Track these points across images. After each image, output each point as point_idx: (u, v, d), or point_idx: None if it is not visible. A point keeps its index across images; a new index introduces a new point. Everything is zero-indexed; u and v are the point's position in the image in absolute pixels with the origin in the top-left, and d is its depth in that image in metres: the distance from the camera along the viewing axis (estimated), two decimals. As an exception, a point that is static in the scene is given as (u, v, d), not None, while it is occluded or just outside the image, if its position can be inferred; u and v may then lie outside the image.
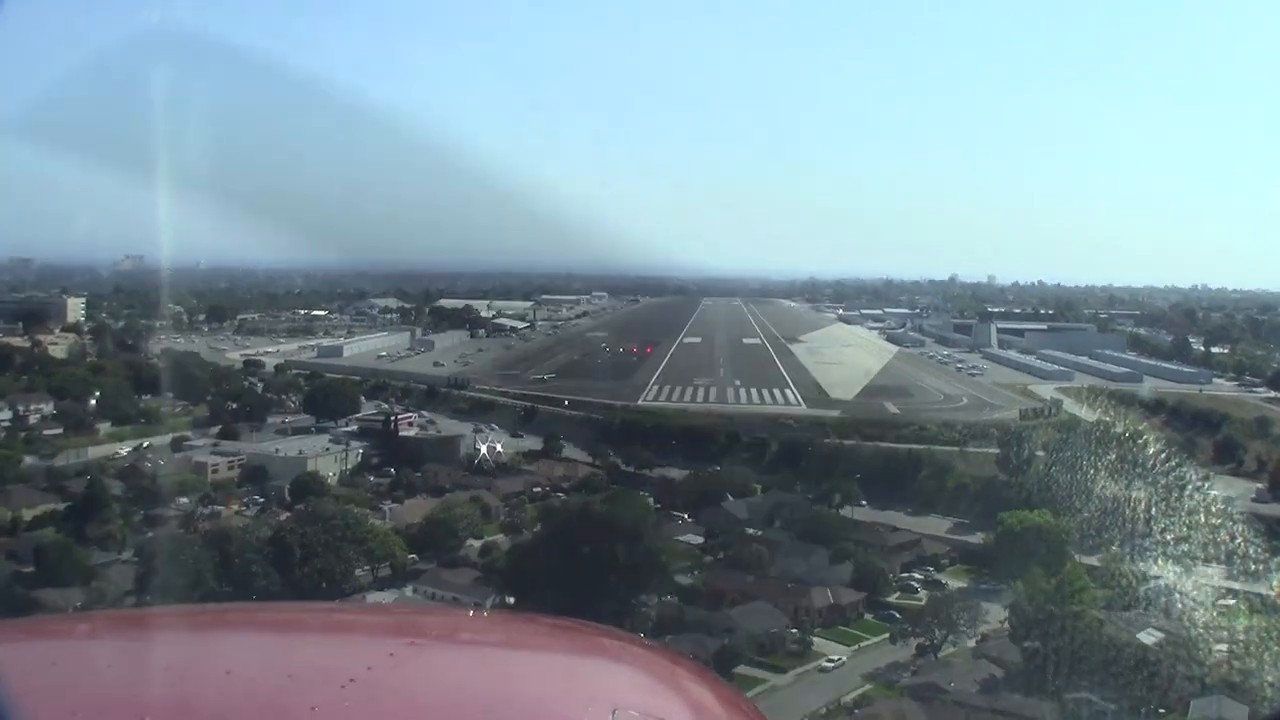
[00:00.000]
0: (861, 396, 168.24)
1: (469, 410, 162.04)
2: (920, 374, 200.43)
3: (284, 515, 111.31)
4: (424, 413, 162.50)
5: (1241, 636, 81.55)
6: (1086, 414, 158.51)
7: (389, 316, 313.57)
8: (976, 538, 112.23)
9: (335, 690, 4.12)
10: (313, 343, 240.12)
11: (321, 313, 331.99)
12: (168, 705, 3.99)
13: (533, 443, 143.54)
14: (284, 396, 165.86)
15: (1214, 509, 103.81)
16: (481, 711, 4.18)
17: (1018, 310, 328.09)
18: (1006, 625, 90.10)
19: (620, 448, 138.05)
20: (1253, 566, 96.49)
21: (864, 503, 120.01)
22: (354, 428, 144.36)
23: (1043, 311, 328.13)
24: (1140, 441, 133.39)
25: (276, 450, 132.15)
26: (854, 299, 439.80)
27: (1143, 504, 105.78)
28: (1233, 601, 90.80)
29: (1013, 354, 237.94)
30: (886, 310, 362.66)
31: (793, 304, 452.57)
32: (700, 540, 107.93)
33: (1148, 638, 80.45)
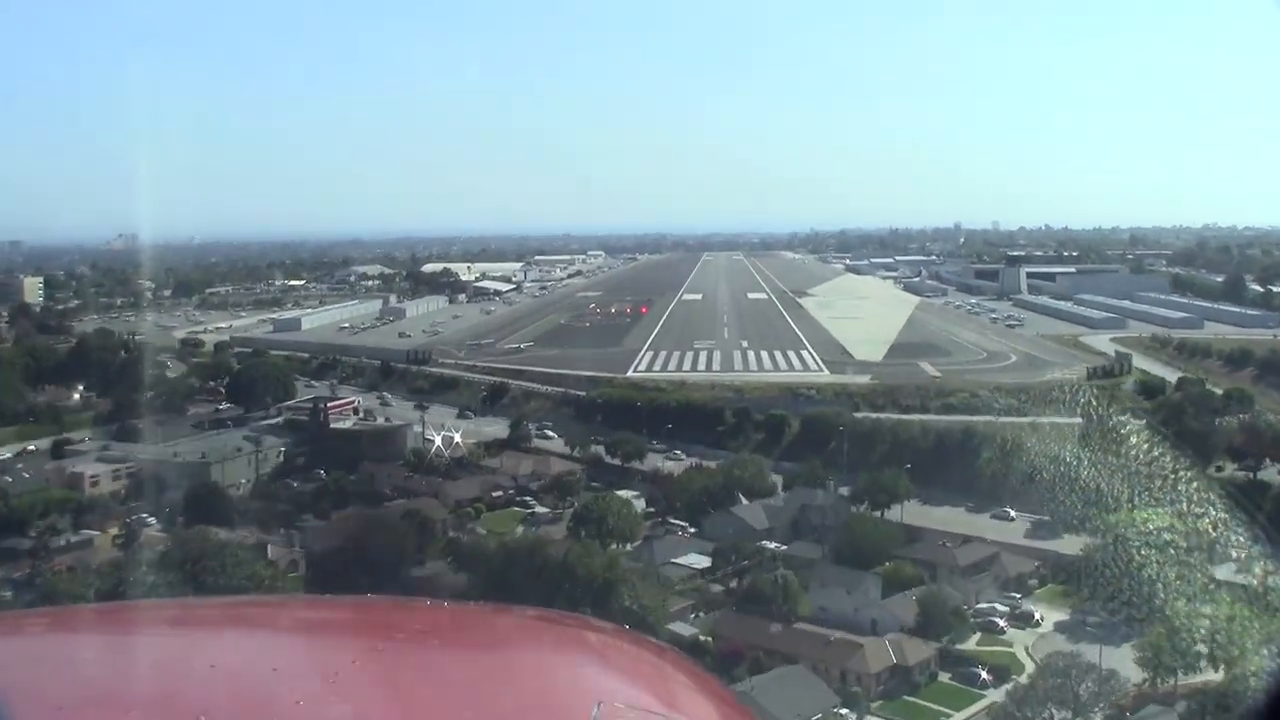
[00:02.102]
0: (892, 357, 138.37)
1: (427, 390, 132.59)
2: (952, 327, 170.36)
3: (162, 546, 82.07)
4: (379, 393, 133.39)
5: None
6: (1164, 370, 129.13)
7: (369, 284, 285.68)
8: (1067, 543, 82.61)
9: (321, 684, 3.95)
10: (273, 315, 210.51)
11: (299, 283, 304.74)
12: (151, 699, 3.80)
13: (499, 428, 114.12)
14: (213, 382, 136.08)
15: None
16: (466, 704, 3.98)
17: (1039, 254, 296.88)
18: (1147, 685, 61.23)
19: (605, 432, 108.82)
20: None
21: (913, 497, 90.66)
22: (279, 419, 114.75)
23: (1066, 254, 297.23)
24: (1253, 408, 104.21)
25: (175, 454, 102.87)
26: (859, 249, 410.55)
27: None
28: None
29: (1046, 300, 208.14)
30: (898, 259, 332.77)
31: (796, 255, 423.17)
32: (705, 563, 78.55)
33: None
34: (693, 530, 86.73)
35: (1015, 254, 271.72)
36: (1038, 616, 73.81)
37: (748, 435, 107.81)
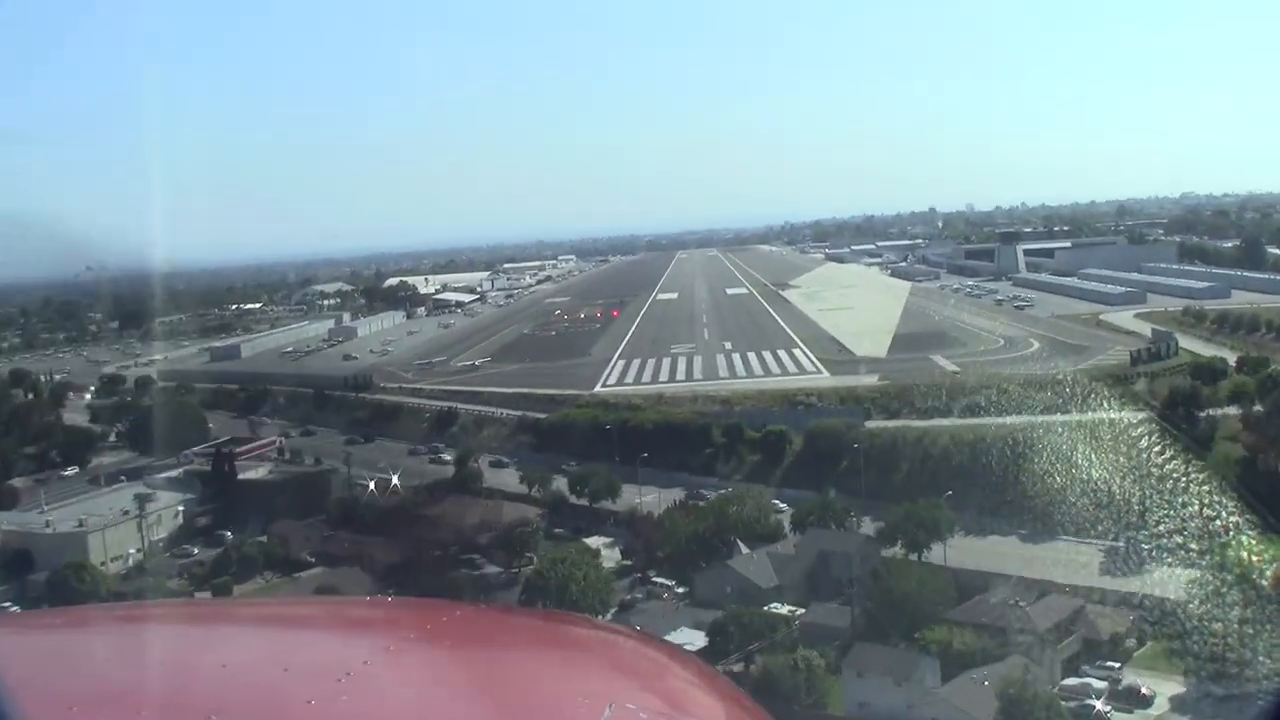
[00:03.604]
0: (897, 350, 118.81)
1: (366, 420, 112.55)
2: (956, 312, 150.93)
3: None
4: (307, 428, 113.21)
5: None
6: (1212, 348, 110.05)
7: (328, 303, 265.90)
8: (1158, 581, 63.29)
9: (331, 684, 3.89)
10: (215, 344, 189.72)
11: (255, 306, 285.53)
12: (163, 698, 3.79)
13: (444, 466, 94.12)
14: (118, 426, 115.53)
15: None
16: (477, 705, 4.04)
17: (1029, 230, 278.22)
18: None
19: (570, 461, 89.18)
20: None
21: (955, 528, 71.04)
22: (179, 472, 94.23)
23: (1057, 229, 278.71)
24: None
25: (47, 524, 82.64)
26: (836, 237, 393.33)
27: None
28: None
29: (1049, 277, 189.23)
30: (879, 244, 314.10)
31: (772, 248, 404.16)
32: (700, 641, 58.44)
33: None
34: (681, 591, 66.94)
35: (1008, 231, 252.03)
36: (1145, 691, 54.21)
37: (741, 458, 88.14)
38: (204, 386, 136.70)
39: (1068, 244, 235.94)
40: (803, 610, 61.61)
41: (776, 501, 78.35)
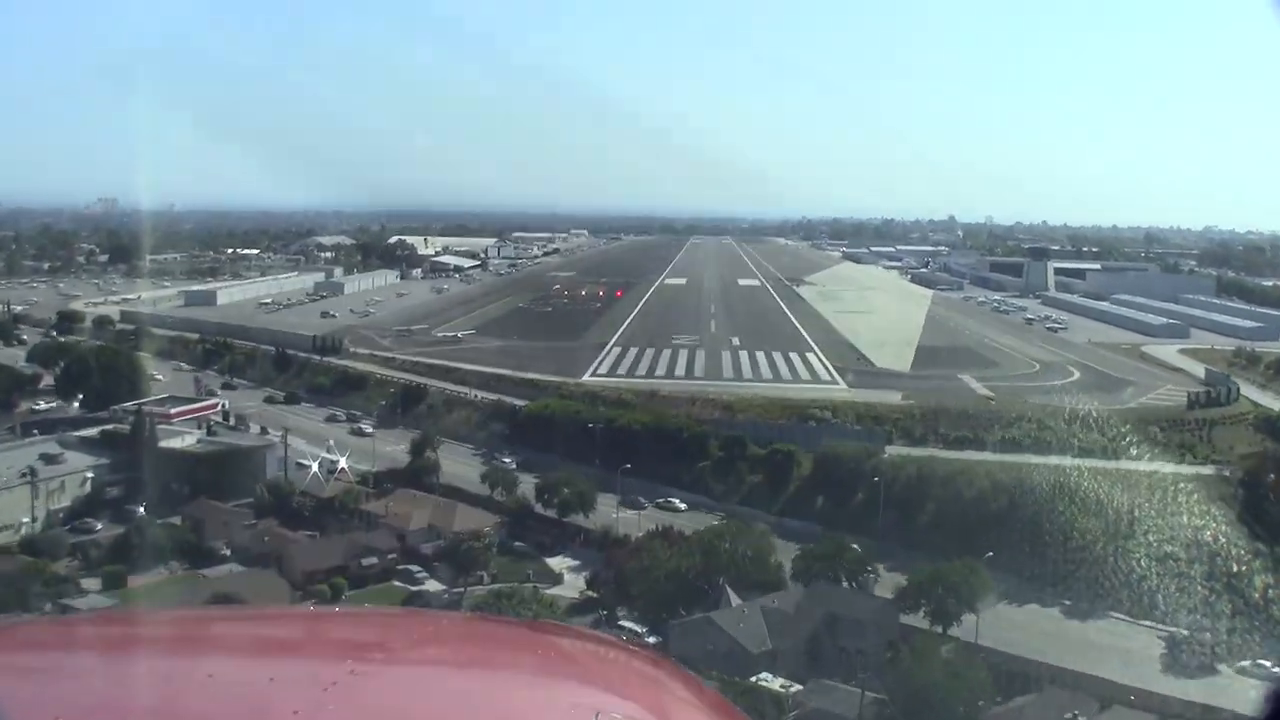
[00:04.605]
0: (923, 366, 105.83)
1: (328, 389, 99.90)
2: (983, 328, 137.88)
3: None
4: (270, 391, 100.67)
5: None
6: (1271, 397, 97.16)
7: (325, 255, 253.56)
8: (1241, 693, 50.40)
9: (317, 693, 3.84)
10: (196, 287, 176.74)
11: (252, 252, 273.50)
12: (149, 708, 3.79)
13: (401, 446, 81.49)
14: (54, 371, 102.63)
15: None
16: (464, 716, 3.94)
17: (1055, 249, 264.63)
18: None
19: (542, 462, 76.57)
20: None
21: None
22: (96, 431, 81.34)
23: (1085, 250, 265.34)
24: None
25: (-70, 480, 70.06)
26: (854, 237, 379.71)
27: None
28: None
29: (1081, 300, 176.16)
30: (899, 248, 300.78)
31: (789, 242, 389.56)
32: None
33: None
34: (653, 641, 54.15)
35: (1037, 247, 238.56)
36: None
37: (740, 476, 75.30)
38: (164, 333, 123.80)
39: (1097, 266, 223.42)
40: (799, 687, 48.96)
41: (776, 536, 65.58)
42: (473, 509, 69.11)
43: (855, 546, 61.45)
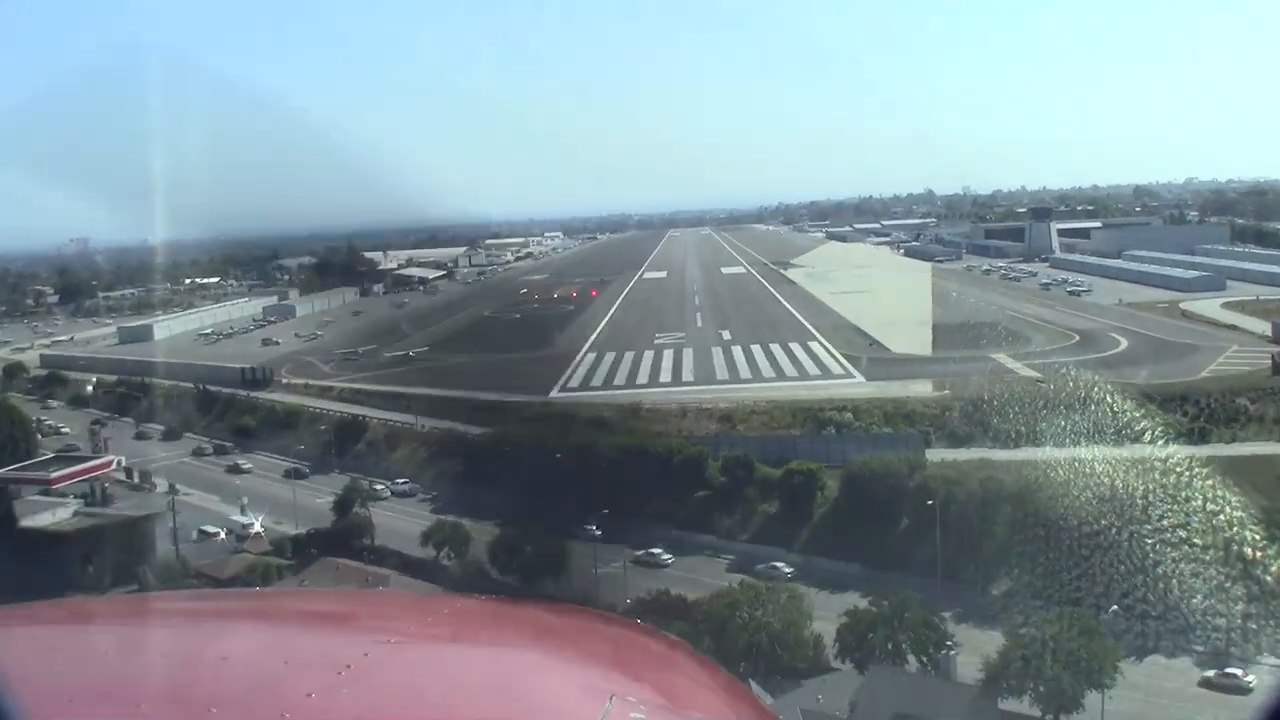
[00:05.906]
0: (946, 347, 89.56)
1: (252, 430, 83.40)
2: (999, 298, 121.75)
3: None
4: (196, 438, 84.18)
5: None
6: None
7: (287, 278, 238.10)
8: None
9: (331, 676, 3.79)
10: (133, 323, 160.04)
11: (212, 280, 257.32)
12: (163, 690, 3.71)
13: (328, 498, 64.99)
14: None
15: None
16: (478, 698, 3.88)
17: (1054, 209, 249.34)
18: None
19: (504, 505, 60.23)
20: None
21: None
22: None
23: (1080, 209, 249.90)
24: None
25: None
26: (835, 217, 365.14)
27: None
28: None
29: (1089, 259, 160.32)
30: (885, 224, 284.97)
31: (768, 227, 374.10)
32: None
33: None
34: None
35: (1039, 208, 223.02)
36: None
37: (751, 506, 59.14)
38: (80, 378, 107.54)
39: (1098, 224, 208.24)
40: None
41: (805, 584, 49.44)
42: (413, 581, 52.78)
43: (916, 595, 45.26)
